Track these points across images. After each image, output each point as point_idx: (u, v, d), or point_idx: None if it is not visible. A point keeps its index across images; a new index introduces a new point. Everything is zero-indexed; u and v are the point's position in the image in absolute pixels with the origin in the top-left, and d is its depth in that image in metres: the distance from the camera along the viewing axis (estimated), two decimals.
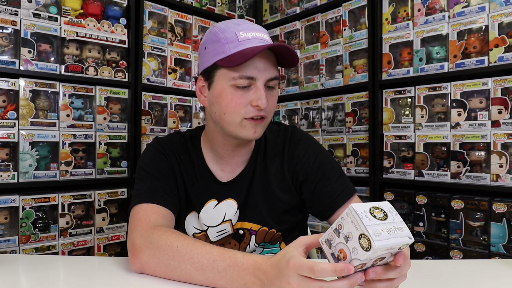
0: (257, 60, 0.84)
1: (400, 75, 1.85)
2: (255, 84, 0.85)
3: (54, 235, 1.68)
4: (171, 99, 2.10)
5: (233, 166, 0.97)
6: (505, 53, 1.54)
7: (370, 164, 1.94)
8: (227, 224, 0.95)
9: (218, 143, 0.95)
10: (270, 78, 0.86)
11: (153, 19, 2.05)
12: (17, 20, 1.61)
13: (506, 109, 1.54)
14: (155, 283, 0.73)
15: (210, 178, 0.97)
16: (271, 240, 0.98)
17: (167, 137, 1.01)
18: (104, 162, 1.86)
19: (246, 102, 0.85)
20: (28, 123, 1.63)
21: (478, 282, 0.74)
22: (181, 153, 0.98)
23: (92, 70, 1.82)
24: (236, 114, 0.86)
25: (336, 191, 0.91)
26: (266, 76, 0.85)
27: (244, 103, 0.85)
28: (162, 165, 0.94)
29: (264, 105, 0.84)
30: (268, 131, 1.02)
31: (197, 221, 0.97)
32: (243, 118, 0.86)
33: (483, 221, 1.58)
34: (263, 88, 0.85)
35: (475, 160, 1.62)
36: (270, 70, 0.86)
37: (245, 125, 0.86)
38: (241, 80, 0.84)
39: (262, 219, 0.95)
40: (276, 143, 0.99)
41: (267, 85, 0.86)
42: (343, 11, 2.08)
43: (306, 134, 1.02)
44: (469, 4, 1.65)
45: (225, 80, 0.86)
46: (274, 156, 0.98)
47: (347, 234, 0.55)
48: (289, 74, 2.39)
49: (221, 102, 0.87)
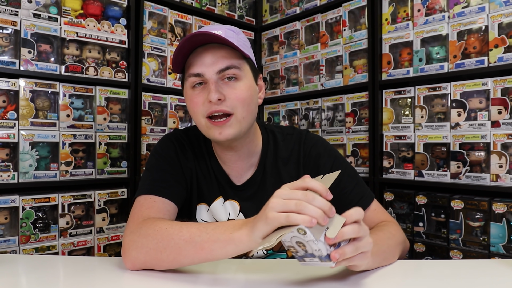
0: (204, 56, 0.83)
1: (400, 75, 1.85)
2: (207, 80, 0.84)
3: (54, 235, 1.68)
4: (171, 99, 2.10)
5: (238, 171, 0.96)
6: (505, 53, 1.54)
7: (370, 164, 1.94)
8: None
9: (216, 146, 0.96)
10: (221, 69, 0.83)
11: (153, 20, 2.05)
12: (17, 21, 1.61)
13: (506, 109, 1.54)
14: (154, 283, 0.73)
15: (221, 176, 0.96)
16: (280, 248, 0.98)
17: (184, 129, 1.01)
18: (104, 162, 1.86)
19: (202, 100, 0.84)
20: (28, 123, 1.63)
21: (478, 282, 0.74)
22: (196, 146, 0.97)
23: (92, 70, 1.82)
24: (197, 115, 0.86)
25: (353, 200, 0.90)
26: (214, 69, 0.83)
27: (200, 102, 0.84)
28: (171, 155, 0.94)
29: (213, 98, 0.81)
30: (279, 134, 1.00)
31: (206, 213, 0.97)
32: (205, 118, 0.85)
33: (483, 221, 1.58)
34: (213, 81, 0.83)
35: (475, 160, 1.62)
36: (220, 61, 0.83)
37: (209, 126, 0.85)
38: (191, 79, 0.85)
39: None
40: (289, 147, 0.97)
41: (225, 76, 0.84)
42: (343, 12, 2.08)
43: (321, 139, 1.00)
44: (469, 4, 1.65)
45: (186, 85, 0.87)
46: (288, 160, 0.96)
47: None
48: (289, 74, 2.39)
49: (188, 106, 0.89)
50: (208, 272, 0.80)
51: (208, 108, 0.83)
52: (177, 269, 0.79)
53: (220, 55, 0.84)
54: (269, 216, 0.62)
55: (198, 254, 0.71)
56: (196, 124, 0.89)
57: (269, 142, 0.98)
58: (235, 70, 0.84)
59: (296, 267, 0.82)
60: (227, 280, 0.76)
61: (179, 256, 0.72)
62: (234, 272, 0.81)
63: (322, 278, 0.74)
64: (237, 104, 0.84)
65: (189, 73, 0.85)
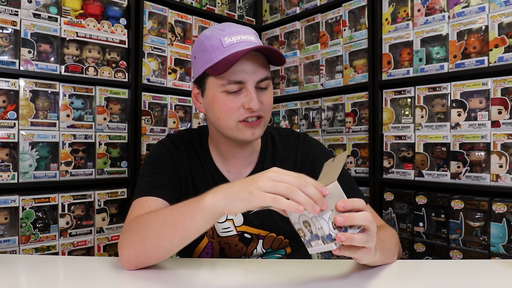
0: (245, 63, 0.84)
1: (400, 75, 1.85)
2: (246, 87, 0.85)
3: (54, 235, 1.68)
4: (171, 99, 2.10)
5: (238, 168, 0.98)
6: (505, 53, 1.54)
7: (370, 164, 1.94)
8: (230, 222, 0.95)
9: (221, 144, 0.96)
10: (260, 79, 0.86)
11: (153, 19, 2.05)
12: (17, 20, 1.61)
13: (506, 109, 1.54)
14: (154, 283, 0.73)
15: (217, 176, 0.97)
16: (278, 246, 0.98)
17: (178, 134, 1.03)
18: (104, 162, 1.86)
19: (238, 105, 0.85)
20: (28, 123, 1.63)
21: (478, 282, 0.74)
22: (190, 149, 0.99)
23: (92, 70, 1.82)
24: (230, 119, 0.86)
25: None
26: (255, 78, 0.85)
27: (236, 107, 0.85)
28: (164, 159, 0.96)
29: (256, 107, 0.84)
30: (277, 136, 1.02)
31: None
32: (237, 122, 0.86)
33: (483, 221, 1.58)
34: (253, 90, 0.85)
35: (475, 160, 1.62)
36: (259, 71, 0.86)
37: (241, 128, 0.87)
38: (231, 86, 0.85)
39: (270, 224, 0.95)
40: (286, 148, 1.00)
41: (258, 86, 0.87)
42: (343, 11, 2.08)
43: (318, 142, 1.03)
44: (469, 4, 1.65)
45: (216, 87, 0.86)
46: (285, 161, 0.98)
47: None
48: (289, 74, 2.39)
49: (215, 108, 0.88)
50: (206, 272, 0.80)
51: (245, 114, 0.86)
52: (175, 269, 0.79)
53: (259, 63, 0.86)
54: (254, 193, 0.61)
55: (173, 232, 0.71)
56: (221, 127, 0.89)
57: (268, 143, 1.01)
58: (269, 81, 0.89)
59: (295, 268, 0.82)
60: (224, 280, 0.76)
61: (159, 240, 0.73)
62: (232, 272, 0.81)
63: (322, 278, 0.74)
64: (268, 110, 0.90)
65: (229, 80, 0.84)
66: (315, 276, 0.76)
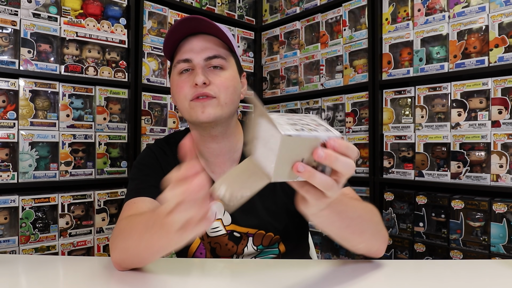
0: (194, 43, 0.88)
1: (400, 75, 1.85)
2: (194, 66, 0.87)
3: (54, 235, 1.68)
4: (171, 99, 2.09)
5: (222, 167, 0.97)
6: (505, 53, 1.54)
7: (370, 164, 1.94)
8: (218, 222, 0.95)
9: (198, 141, 0.96)
10: (208, 56, 0.87)
11: (153, 19, 2.05)
12: (17, 20, 1.61)
13: (506, 109, 1.54)
14: (154, 283, 0.73)
15: None
16: (269, 243, 0.98)
17: (164, 137, 1.05)
18: (104, 162, 1.86)
19: (189, 84, 0.87)
20: (28, 123, 1.63)
21: (478, 282, 0.74)
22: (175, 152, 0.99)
23: (92, 70, 1.82)
24: (183, 98, 0.88)
25: None
26: (203, 56, 0.87)
27: (187, 86, 0.87)
28: (151, 161, 0.98)
29: (199, 82, 0.84)
30: None
31: None
32: (189, 101, 0.88)
33: (483, 221, 1.58)
34: (200, 67, 0.87)
35: (475, 160, 1.62)
36: (209, 49, 0.87)
37: (192, 107, 0.88)
38: (179, 65, 0.88)
39: (258, 222, 0.95)
40: None
41: (211, 65, 0.88)
42: (343, 11, 2.08)
43: None
44: (469, 4, 1.65)
45: (173, 72, 0.91)
46: None
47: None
48: (289, 74, 2.39)
49: (173, 92, 0.92)
50: (196, 271, 0.80)
51: (194, 91, 0.86)
52: (169, 269, 0.79)
53: (209, 44, 0.88)
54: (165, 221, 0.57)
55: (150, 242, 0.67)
56: (180, 110, 0.92)
57: None
58: (222, 60, 0.89)
59: (289, 268, 0.82)
60: (214, 280, 0.76)
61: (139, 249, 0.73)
62: (221, 272, 0.81)
63: (320, 279, 0.74)
64: (221, 90, 0.87)
65: (177, 59, 0.89)
66: (313, 276, 0.75)
